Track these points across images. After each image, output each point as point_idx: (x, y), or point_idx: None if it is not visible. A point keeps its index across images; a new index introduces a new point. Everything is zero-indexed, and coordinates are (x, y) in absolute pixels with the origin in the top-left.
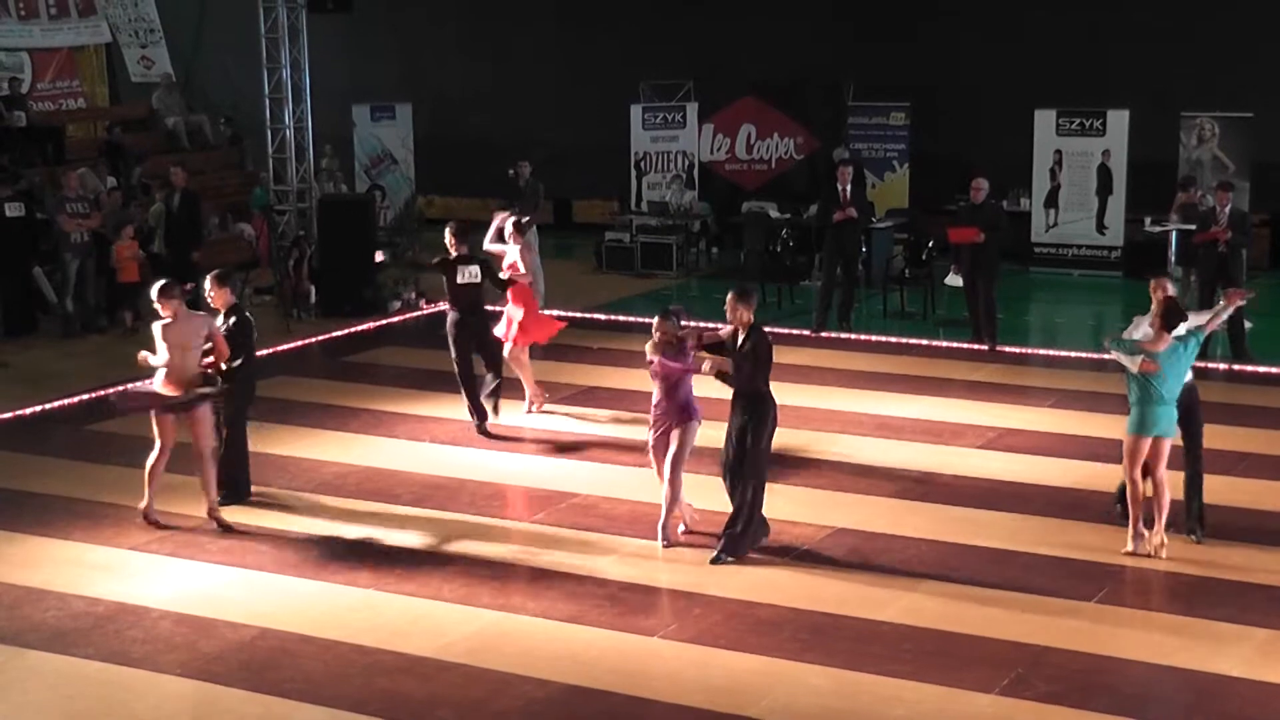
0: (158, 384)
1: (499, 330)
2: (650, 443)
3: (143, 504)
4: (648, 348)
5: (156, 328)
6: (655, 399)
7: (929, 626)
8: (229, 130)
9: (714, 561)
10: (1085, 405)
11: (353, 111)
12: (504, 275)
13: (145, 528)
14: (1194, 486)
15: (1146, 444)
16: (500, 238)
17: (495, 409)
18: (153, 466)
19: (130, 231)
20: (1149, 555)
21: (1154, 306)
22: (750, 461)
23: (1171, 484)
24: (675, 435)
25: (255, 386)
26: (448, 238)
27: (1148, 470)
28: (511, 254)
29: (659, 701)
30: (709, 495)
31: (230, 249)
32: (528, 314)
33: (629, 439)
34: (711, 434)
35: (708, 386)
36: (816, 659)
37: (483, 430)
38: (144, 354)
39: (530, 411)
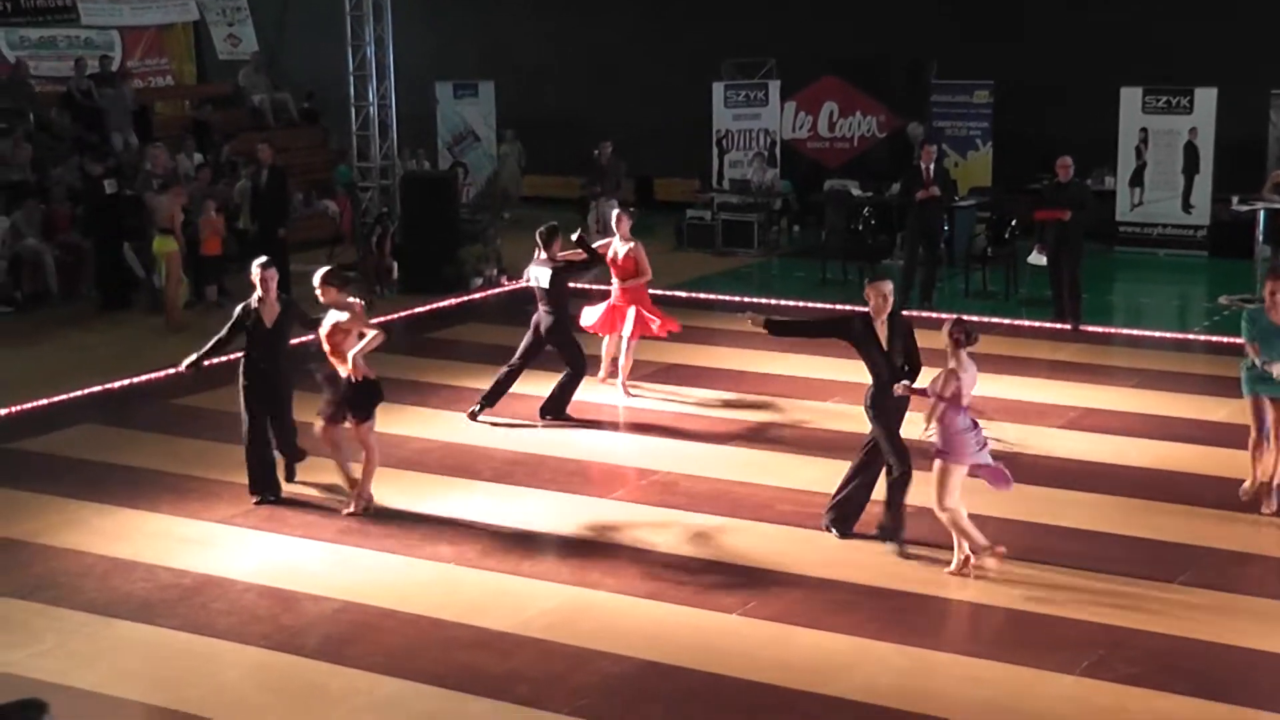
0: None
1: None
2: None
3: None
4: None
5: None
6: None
7: (1010, 607)
8: (310, 105)
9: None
10: (1168, 386)
11: (435, 88)
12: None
13: (232, 501)
14: None
15: None
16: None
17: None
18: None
19: (213, 206)
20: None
21: None
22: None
23: None
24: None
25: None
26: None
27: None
28: (614, 246)
29: (736, 678)
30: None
31: (315, 226)
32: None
33: (710, 416)
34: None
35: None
36: (896, 638)
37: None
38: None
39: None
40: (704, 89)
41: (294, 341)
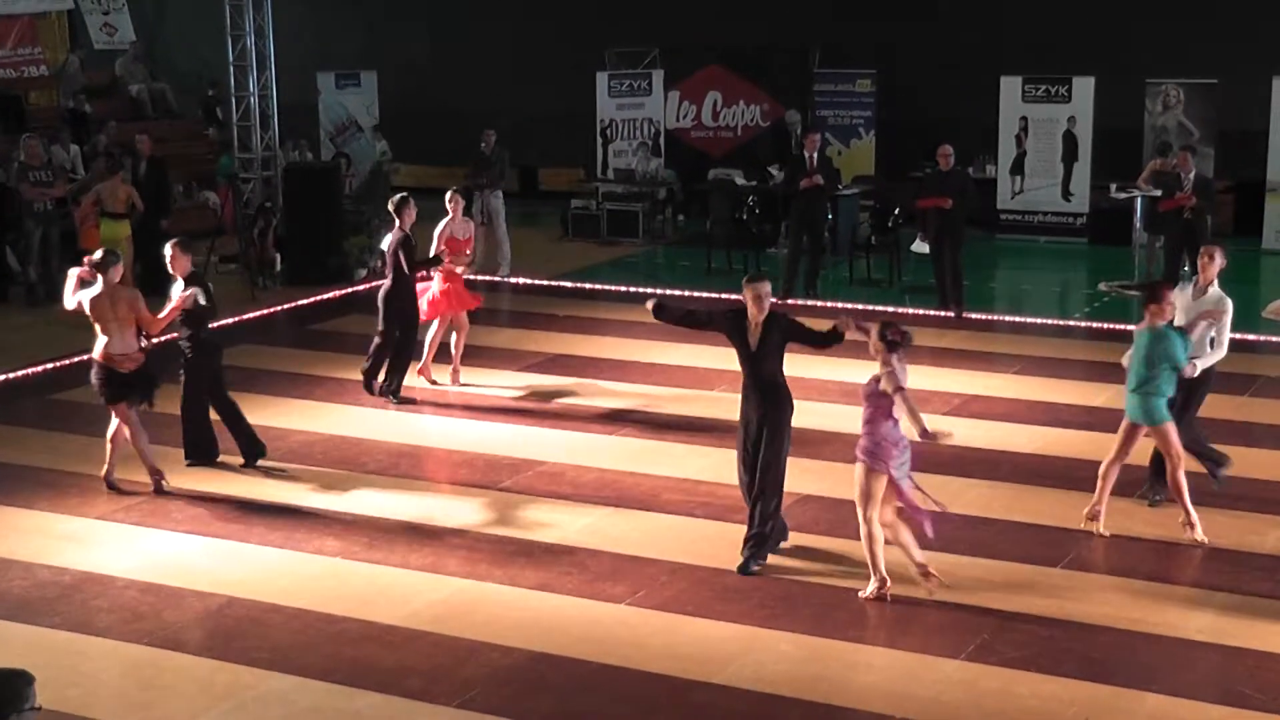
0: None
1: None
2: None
3: (103, 470)
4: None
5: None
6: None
7: (896, 592)
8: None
9: (743, 571)
10: (1051, 371)
11: (317, 79)
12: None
13: (111, 497)
14: (1159, 457)
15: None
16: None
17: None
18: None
19: (93, 198)
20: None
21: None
22: (773, 467)
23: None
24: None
25: (218, 352)
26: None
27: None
28: (452, 229)
29: (627, 669)
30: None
31: (196, 217)
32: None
33: (596, 406)
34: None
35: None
36: (784, 626)
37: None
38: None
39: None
40: (588, 78)
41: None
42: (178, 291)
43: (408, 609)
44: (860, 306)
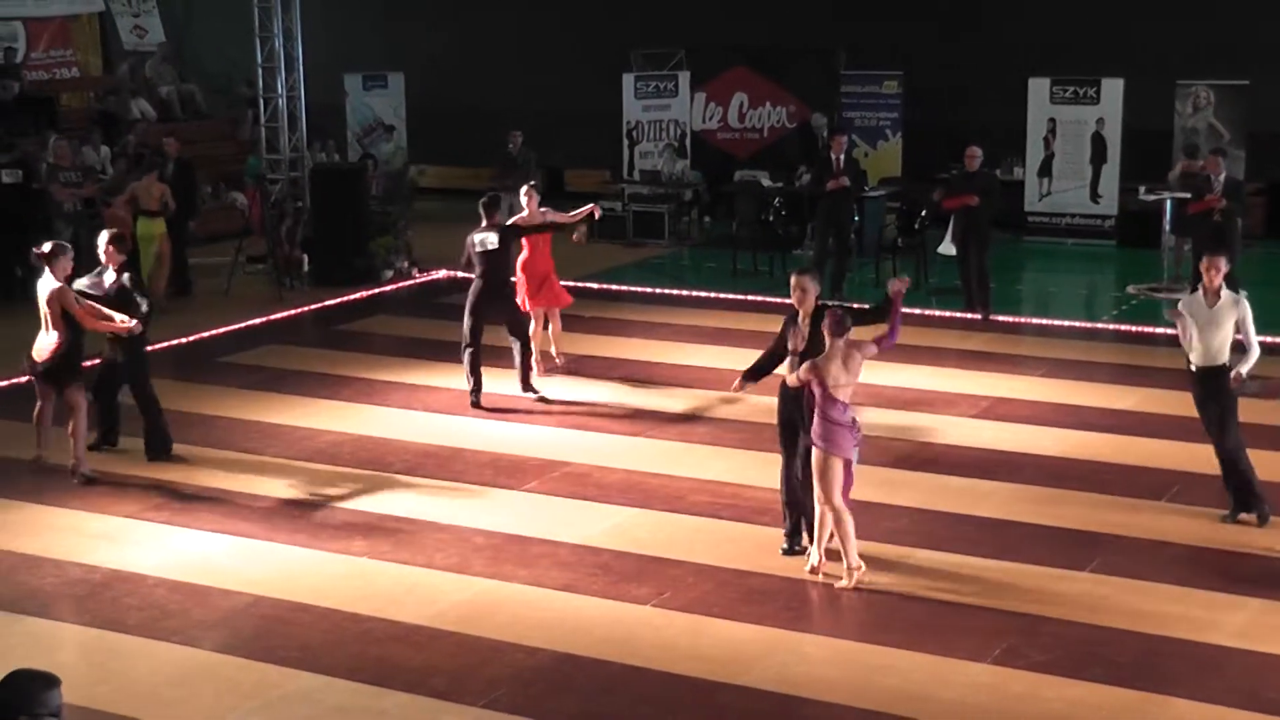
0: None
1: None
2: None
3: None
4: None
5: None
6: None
7: (922, 596)
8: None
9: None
10: (1077, 374)
11: (344, 80)
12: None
13: (142, 495)
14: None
15: None
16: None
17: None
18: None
19: (127, 196)
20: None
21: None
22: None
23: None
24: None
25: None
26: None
27: None
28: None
29: (651, 670)
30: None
31: (223, 218)
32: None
33: (622, 407)
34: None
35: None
36: (809, 628)
37: (475, 403)
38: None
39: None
40: (614, 80)
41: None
42: (109, 280)
43: (434, 609)
44: None
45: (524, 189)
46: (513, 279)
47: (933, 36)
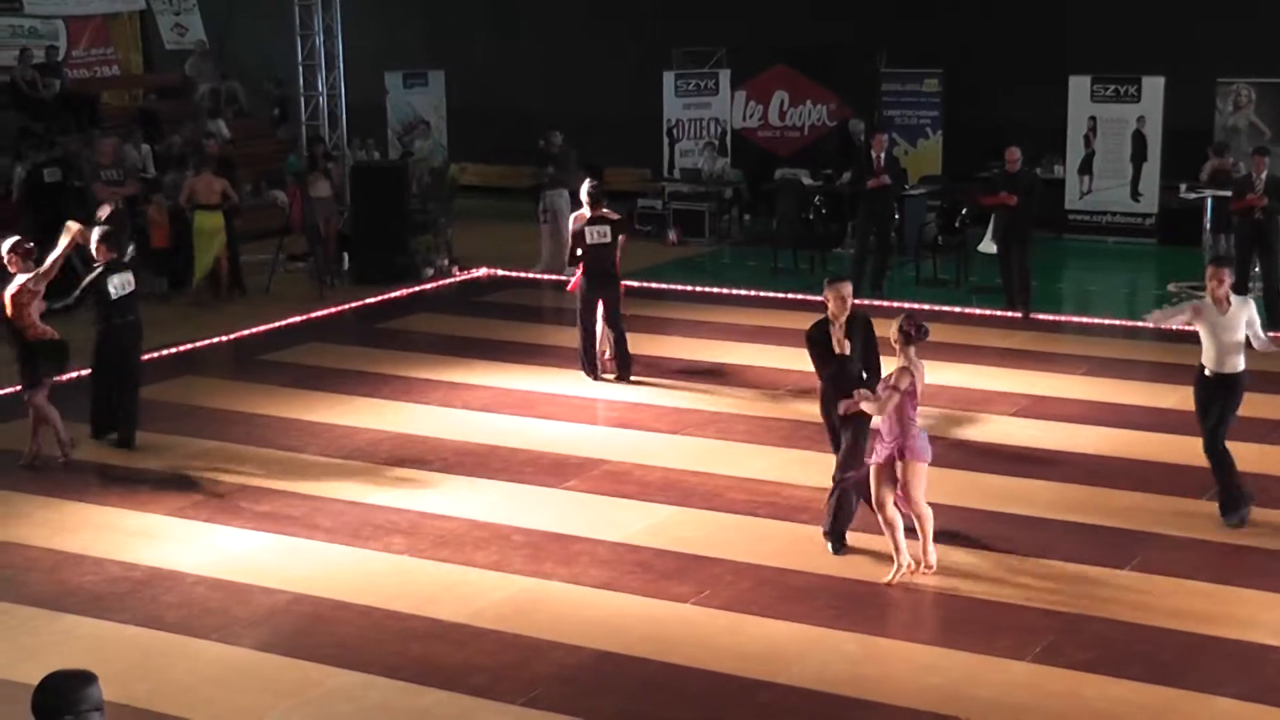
0: None
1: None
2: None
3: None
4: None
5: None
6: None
7: (962, 594)
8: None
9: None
10: (1118, 373)
11: (385, 79)
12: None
13: (182, 492)
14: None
15: None
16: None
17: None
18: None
19: (161, 197)
20: None
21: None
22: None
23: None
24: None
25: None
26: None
27: None
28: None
29: (691, 668)
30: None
31: (264, 216)
32: None
33: (661, 405)
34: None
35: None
36: (849, 626)
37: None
38: None
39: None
40: (654, 78)
41: None
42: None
43: (473, 607)
44: (926, 306)
45: (585, 188)
46: (614, 270)
47: (973, 34)
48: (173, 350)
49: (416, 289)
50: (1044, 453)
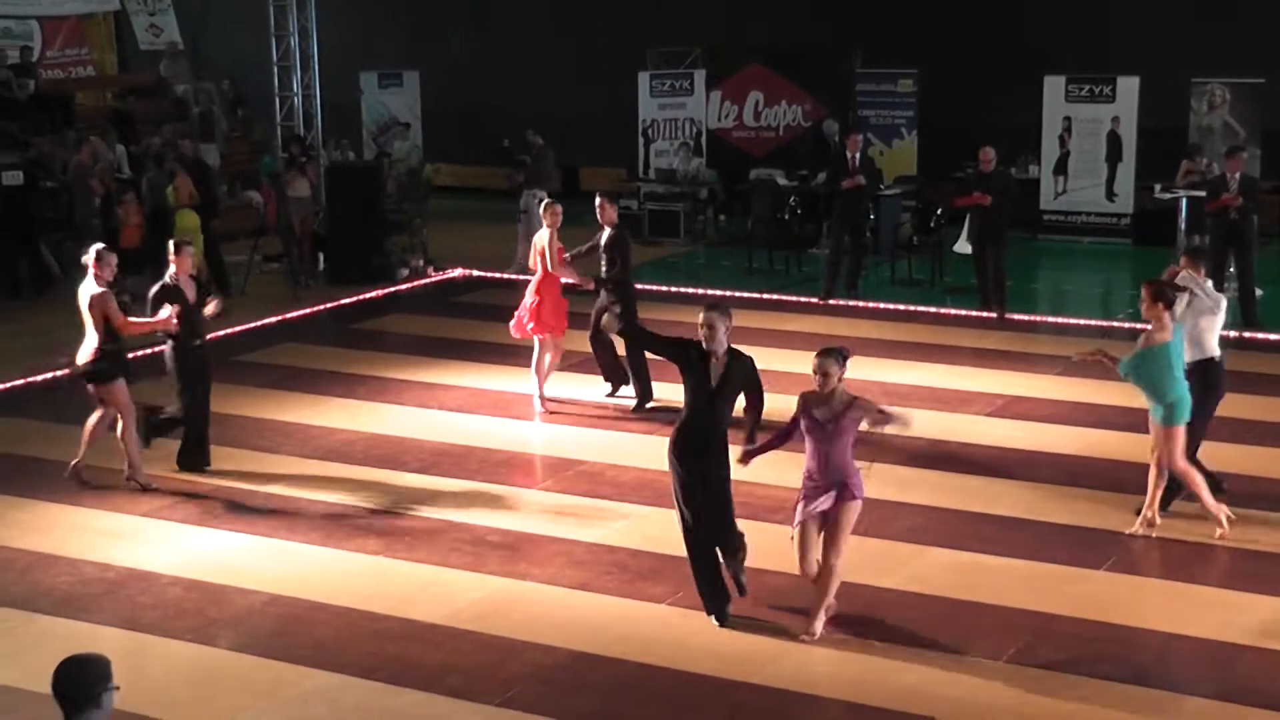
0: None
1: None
2: (798, 521)
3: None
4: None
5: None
6: (809, 465)
7: (936, 594)
8: (232, 94)
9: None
10: (1093, 373)
11: (360, 79)
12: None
13: (157, 493)
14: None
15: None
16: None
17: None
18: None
19: (133, 196)
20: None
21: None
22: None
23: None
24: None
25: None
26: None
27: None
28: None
29: (666, 668)
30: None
31: (239, 217)
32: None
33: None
34: None
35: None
36: (825, 626)
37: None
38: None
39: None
40: (629, 78)
41: None
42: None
43: (449, 607)
44: (902, 307)
45: (544, 206)
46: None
47: (948, 35)
48: (147, 351)
49: (391, 289)
50: (1019, 453)
